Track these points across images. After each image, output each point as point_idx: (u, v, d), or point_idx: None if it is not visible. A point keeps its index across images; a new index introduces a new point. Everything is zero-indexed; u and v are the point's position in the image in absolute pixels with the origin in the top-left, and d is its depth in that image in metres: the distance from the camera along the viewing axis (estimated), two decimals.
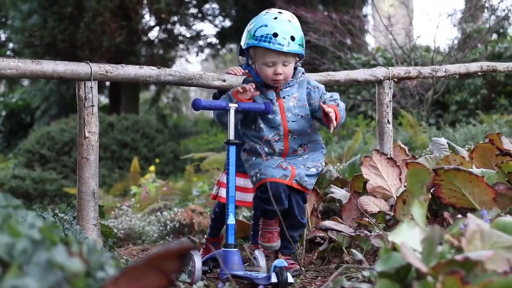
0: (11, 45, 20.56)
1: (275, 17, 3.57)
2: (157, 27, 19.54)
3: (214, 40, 20.49)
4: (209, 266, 3.82)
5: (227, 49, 21.18)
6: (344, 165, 5.86)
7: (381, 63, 12.92)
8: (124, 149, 14.97)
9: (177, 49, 20.83)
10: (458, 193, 3.50)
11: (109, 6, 16.62)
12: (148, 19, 19.45)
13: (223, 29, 19.89)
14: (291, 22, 3.58)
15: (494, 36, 14.22)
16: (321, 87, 3.75)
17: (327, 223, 3.98)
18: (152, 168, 10.97)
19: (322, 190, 4.64)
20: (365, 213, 4.11)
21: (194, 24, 20.03)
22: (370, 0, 18.44)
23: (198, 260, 3.58)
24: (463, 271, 1.96)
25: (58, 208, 4.60)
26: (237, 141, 3.65)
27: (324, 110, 3.54)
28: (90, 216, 3.80)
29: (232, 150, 3.62)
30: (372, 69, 5.07)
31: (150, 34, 19.73)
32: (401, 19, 13.37)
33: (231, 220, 3.57)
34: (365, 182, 4.40)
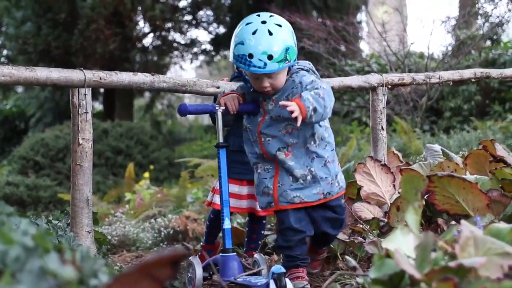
0: (5, 52, 20.51)
1: (255, 30, 3.33)
2: (151, 34, 19.54)
3: (209, 47, 20.49)
4: (209, 273, 3.73)
5: (221, 55, 21.16)
6: None
7: (375, 69, 12.94)
8: (119, 156, 14.95)
9: (172, 55, 20.83)
10: (452, 200, 3.51)
11: (103, 13, 16.62)
12: (143, 25, 19.45)
13: (217, 36, 19.89)
14: (272, 34, 3.31)
15: (488, 42, 14.26)
16: (305, 81, 3.43)
17: None
18: (147, 174, 10.95)
19: None
20: (359, 219, 4.12)
21: (189, 31, 20.03)
22: (364, 7, 18.50)
23: (198, 266, 3.55)
24: (456, 277, 1.97)
25: (52, 215, 4.58)
26: (226, 144, 3.58)
27: (280, 105, 3.30)
28: (84, 223, 3.79)
29: (223, 154, 3.56)
30: (366, 75, 5.08)
31: (145, 40, 19.73)
32: (395, 25, 13.40)
33: (227, 224, 3.53)
34: (359, 188, 4.40)
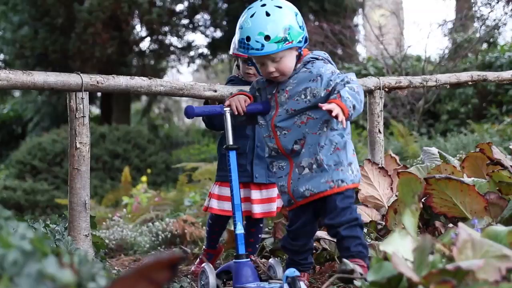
0: (2, 56, 20.51)
1: (253, 13, 3.31)
2: (149, 38, 19.55)
3: (206, 51, 20.48)
4: (223, 280, 3.60)
5: (218, 59, 21.16)
6: None
7: (372, 72, 12.94)
8: (116, 160, 14.96)
9: (169, 59, 20.83)
10: (449, 202, 3.51)
11: (101, 17, 16.62)
12: (140, 29, 19.46)
13: (214, 39, 19.89)
14: (270, 15, 3.27)
15: (485, 45, 14.28)
16: (325, 75, 3.31)
17: (319, 233, 3.97)
18: (144, 178, 10.94)
19: None
20: None
21: (186, 35, 20.04)
22: (361, 10, 18.52)
23: (211, 274, 3.47)
24: (454, 280, 1.97)
25: (49, 219, 4.59)
26: (236, 146, 3.50)
27: (324, 109, 3.13)
28: (81, 227, 3.79)
29: (232, 156, 3.47)
30: (363, 79, 5.07)
31: (142, 44, 19.74)
32: (392, 29, 13.43)
33: (239, 229, 3.42)
34: (357, 191, 4.40)
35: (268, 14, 3.28)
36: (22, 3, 17.55)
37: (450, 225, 3.49)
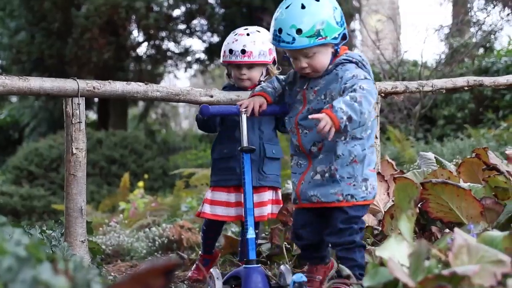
0: None
1: (288, 5, 3.16)
2: (146, 43, 19.56)
3: (203, 56, 20.49)
4: (231, 286, 3.48)
5: (215, 64, 21.14)
6: None
7: None
8: (113, 165, 14.95)
9: (166, 64, 20.85)
10: (445, 207, 3.51)
11: (98, 22, 16.62)
12: (137, 35, 19.47)
13: (211, 44, 19.88)
14: (305, 8, 3.12)
15: (481, 50, 14.31)
16: (346, 77, 3.15)
17: None
18: (141, 184, 10.94)
19: None
20: None
21: (183, 40, 20.04)
22: (357, 15, 18.54)
23: (218, 279, 3.39)
24: (450, 285, 1.97)
25: (45, 225, 4.58)
26: (252, 147, 3.43)
27: (310, 118, 3.06)
28: (77, 233, 3.78)
29: (247, 158, 3.38)
30: None
31: (139, 49, 19.74)
32: (389, 34, 13.45)
33: (251, 234, 3.31)
34: None
35: (303, 7, 3.13)
36: (19, 9, 17.55)
37: (447, 230, 3.48)
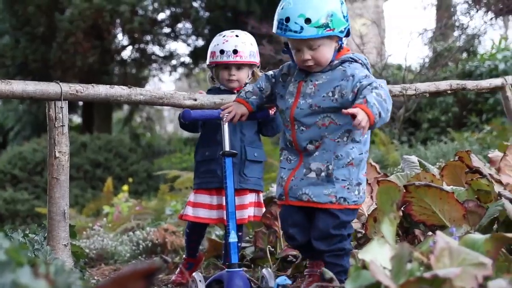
0: None
1: None
2: (130, 47, 19.55)
3: (187, 60, 20.51)
4: None
5: (200, 68, 21.17)
6: None
7: None
8: (97, 169, 14.91)
9: (150, 68, 20.85)
10: (428, 210, 3.51)
11: (82, 26, 16.59)
12: (121, 38, 19.46)
13: (196, 48, 19.90)
14: None
15: (464, 54, 14.37)
16: (358, 75, 3.11)
17: None
18: (125, 187, 10.91)
19: None
20: None
21: (167, 44, 20.06)
22: None
23: (201, 282, 3.42)
24: None
25: (29, 228, 4.55)
26: (234, 151, 3.46)
27: (345, 113, 2.94)
28: (60, 237, 3.76)
29: (229, 162, 3.43)
30: None
31: (123, 53, 19.74)
32: (373, 38, 13.47)
33: (233, 238, 3.34)
34: None
35: None
36: (2, 13, 17.50)
37: (429, 233, 3.49)
